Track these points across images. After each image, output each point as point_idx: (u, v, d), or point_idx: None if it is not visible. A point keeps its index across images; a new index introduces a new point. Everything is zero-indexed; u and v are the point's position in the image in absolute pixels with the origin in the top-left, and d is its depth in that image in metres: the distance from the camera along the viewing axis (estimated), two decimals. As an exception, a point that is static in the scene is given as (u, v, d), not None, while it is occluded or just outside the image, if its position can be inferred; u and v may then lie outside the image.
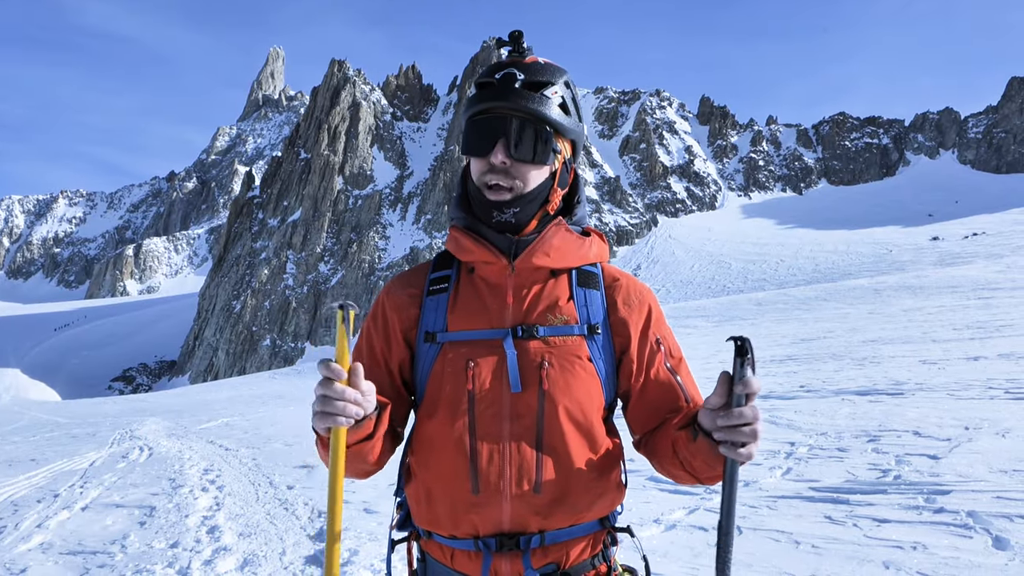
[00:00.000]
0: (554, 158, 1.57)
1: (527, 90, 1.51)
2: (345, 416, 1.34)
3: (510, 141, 1.51)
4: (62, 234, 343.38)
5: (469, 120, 1.56)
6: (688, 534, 4.68)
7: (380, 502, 6.61)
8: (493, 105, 1.51)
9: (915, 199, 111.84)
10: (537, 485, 1.47)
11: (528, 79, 1.52)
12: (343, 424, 1.35)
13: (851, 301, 26.86)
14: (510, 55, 1.59)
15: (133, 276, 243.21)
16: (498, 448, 1.48)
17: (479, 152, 1.53)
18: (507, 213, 1.55)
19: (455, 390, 1.52)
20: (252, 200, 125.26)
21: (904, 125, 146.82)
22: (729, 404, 1.30)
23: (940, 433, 6.48)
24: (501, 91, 1.51)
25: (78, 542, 5.98)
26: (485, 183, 1.55)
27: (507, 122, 1.51)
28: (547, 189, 1.59)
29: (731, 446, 1.29)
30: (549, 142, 1.53)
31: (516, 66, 1.54)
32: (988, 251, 50.45)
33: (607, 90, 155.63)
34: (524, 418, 1.49)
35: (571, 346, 1.53)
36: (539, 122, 1.52)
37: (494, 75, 1.54)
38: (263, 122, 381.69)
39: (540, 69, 1.55)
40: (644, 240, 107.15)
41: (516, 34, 1.60)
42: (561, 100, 1.55)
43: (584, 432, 1.52)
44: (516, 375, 1.49)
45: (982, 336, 13.35)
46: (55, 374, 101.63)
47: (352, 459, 1.48)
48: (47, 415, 27.21)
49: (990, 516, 4.22)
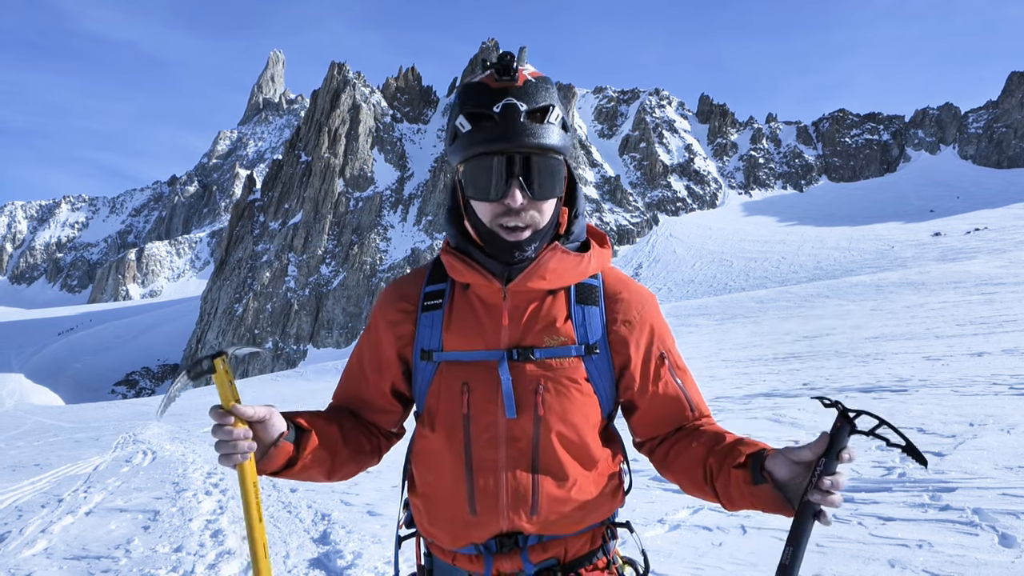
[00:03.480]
0: (563, 186, 1.51)
1: (532, 122, 1.40)
2: (240, 453, 1.39)
3: (527, 183, 1.42)
4: (65, 239, 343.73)
5: (472, 158, 1.44)
6: (692, 534, 4.66)
7: (383, 504, 6.60)
8: (500, 147, 1.40)
9: (916, 195, 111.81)
10: (534, 507, 1.47)
11: (530, 107, 1.41)
12: (242, 460, 1.40)
13: (853, 298, 26.85)
14: (500, 79, 1.43)
15: (136, 280, 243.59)
16: (494, 472, 1.47)
17: (493, 196, 1.43)
18: (528, 250, 1.47)
19: (452, 412, 1.51)
20: (253, 203, 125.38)
21: (904, 121, 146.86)
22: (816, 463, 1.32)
23: (945, 430, 6.46)
24: (507, 129, 1.39)
25: (82, 547, 5.97)
26: (501, 225, 1.45)
27: (520, 162, 1.41)
28: (558, 213, 1.54)
29: (819, 508, 1.29)
30: (560, 172, 1.47)
31: (513, 93, 1.40)
32: (990, 246, 50.42)
33: (606, 89, 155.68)
34: (520, 443, 1.48)
35: (568, 368, 1.50)
36: (551, 154, 1.44)
37: (491, 106, 1.40)
38: (264, 125, 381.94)
39: (536, 92, 1.42)
40: (645, 239, 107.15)
41: (507, 59, 1.43)
42: (561, 120, 1.45)
43: (581, 454, 1.52)
44: (511, 401, 1.47)
45: (985, 332, 13.32)
46: (58, 379, 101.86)
47: (306, 478, 1.55)
48: (50, 420, 27.26)
49: (996, 513, 4.20)
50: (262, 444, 1.44)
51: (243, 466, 1.42)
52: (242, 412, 1.39)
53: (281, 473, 1.50)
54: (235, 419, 1.39)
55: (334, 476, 1.59)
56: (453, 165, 1.53)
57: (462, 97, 1.46)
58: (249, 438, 1.39)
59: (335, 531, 5.78)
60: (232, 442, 1.38)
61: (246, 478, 1.43)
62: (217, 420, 1.38)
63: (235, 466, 1.40)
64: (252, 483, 1.44)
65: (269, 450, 1.45)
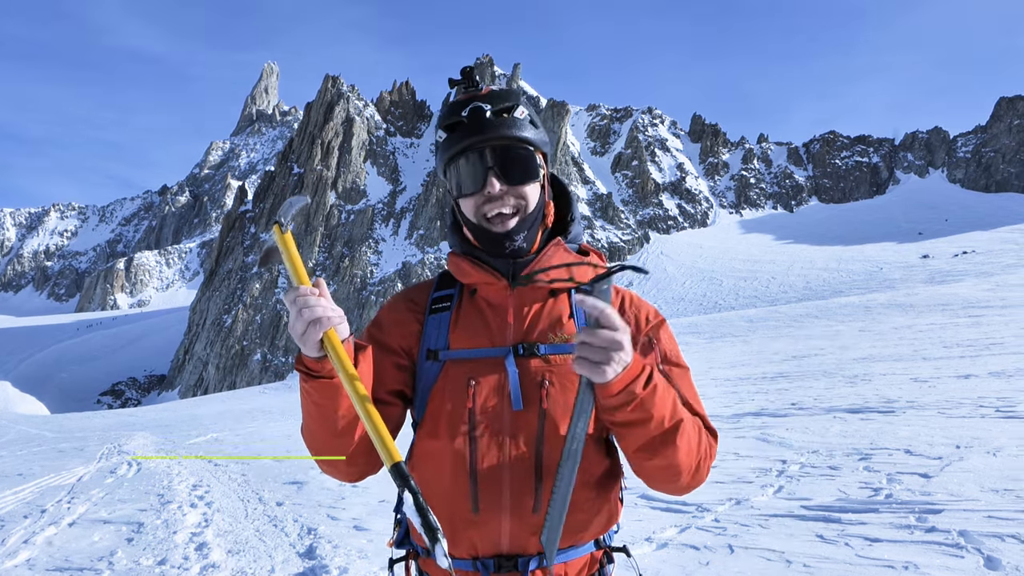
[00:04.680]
0: (539, 172, 1.59)
1: (498, 117, 1.54)
2: (327, 317, 1.32)
3: (500, 170, 1.54)
4: (53, 247, 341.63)
5: (450, 161, 1.57)
6: (680, 553, 4.66)
7: (371, 519, 6.57)
8: (472, 141, 1.53)
9: (905, 217, 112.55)
10: (536, 503, 1.47)
11: (495, 107, 1.54)
12: (335, 322, 1.33)
13: (842, 318, 26.98)
14: (466, 91, 1.60)
15: (124, 290, 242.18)
16: (498, 466, 1.48)
17: (472, 189, 1.55)
18: (517, 239, 1.57)
19: (456, 408, 1.52)
20: (244, 214, 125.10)
21: (894, 144, 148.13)
22: None
23: (931, 452, 6.49)
24: (475, 126, 1.52)
25: (65, 558, 5.92)
26: (485, 215, 1.56)
27: (491, 153, 1.54)
28: (543, 205, 1.63)
29: (583, 363, 1.30)
30: (532, 159, 1.57)
31: (478, 99, 1.55)
32: (978, 269, 50.80)
33: (599, 107, 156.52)
34: (524, 436, 1.49)
35: (571, 365, 1.53)
36: (519, 144, 1.55)
37: (460, 113, 1.55)
38: (256, 137, 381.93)
39: (501, 96, 1.57)
40: (636, 256, 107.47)
41: (467, 70, 1.61)
42: (529, 117, 1.58)
43: (583, 451, 1.51)
44: (518, 393, 1.50)
45: (972, 354, 13.41)
46: (44, 387, 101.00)
47: (329, 409, 1.43)
48: (35, 429, 27.00)
49: (982, 535, 4.22)
50: None
51: (330, 333, 1.33)
52: (326, 289, 1.35)
53: (322, 379, 1.40)
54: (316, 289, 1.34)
55: (346, 435, 1.48)
56: (442, 178, 1.64)
57: (440, 118, 1.61)
58: (336, 310, 1.34)
59: (321, 545, 5.74)
60: (322, 307, 1.32)
61: (338, 344, 1.34)
62: (297, 294, 1.32)
63: (323, 335, 1.33)
64: (343, 349, 1.34)
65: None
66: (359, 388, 1.34)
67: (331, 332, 1.34)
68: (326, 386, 1.40)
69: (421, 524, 1.22)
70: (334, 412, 1.43)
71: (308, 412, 1.48)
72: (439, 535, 1.20)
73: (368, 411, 1.32)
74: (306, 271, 1.38)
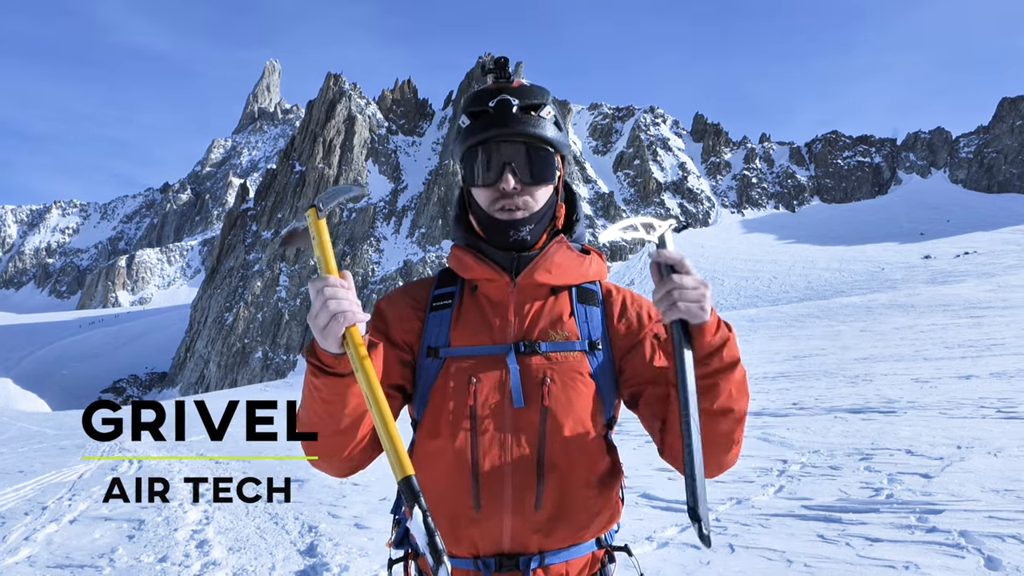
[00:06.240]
0: (555, 175, 1.59)
1: (524, 114, 1.53)
2: (351, 311, 1.31)
3: (518, 167, 1.53)
4: (55, 244, 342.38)
5: (469, 149, 1.56)
6: (681, 552, 4.66)
7: (371, 517, 6.56)
8: (495, 133, 1.52)
9: (907, 217, 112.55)
10: (538, 501, 1.47)
11: (523, 103, 1.54)
12: (360, 318, 1.32)
13: (843, 319, 26.96)
14: (496, 81, 1.60)
15: (125, 287, 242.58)
16: (500, 463, 1.48)
17: (487, 182, 1.54)
18: (523, 231, 1.56)
19: (457, 405, 1.51)
20: (246, 212, 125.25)
21: (896, 144, 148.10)
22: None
23: (932, 452, 6.48)
24: (500, 118, 1.52)
25: (66, 555, 5.92)
26: (496, 210, 1.56)
27: (511, 148, 1.53)
28: (553, 205, 1.63)
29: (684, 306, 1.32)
30: (551, 161, 1.56)
31: (507, 92, 1.55)
32: (979, 270, 50.77)
33: (602, 106, 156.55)
34: (526, 433, 1.49)
35: (572, 362, 1.54)
36: (541, 143, 1.54)
37: (487, 103, 1.54)
38: (258, 135, 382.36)
39: (530, 92, 1.57)
40: (637, 256, 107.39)
41: (502, 61, 1.61)
42: (554, 118, 1.58)
43: (584, 449, 1.52)
44: (519, 390, 1.49)
45: (973, 355, 13.40)
46: (45, 385, 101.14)
47: (339, 403, 1.40)
48: (36, 426, 26.99)
49: (982, 536, 4.22)
50: None
51: (353, 329, 1.31)
52: (352, 281, 1.34)
53: (334, 377, 1.37)
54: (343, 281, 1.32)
55: (348, 433, 1.46)
56: (457, 161, 1.63)
57: (465, 101, 1.59)
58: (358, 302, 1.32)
59: (322, 543, 5.74)
60: (348, 300, 1.31)
61: (359, 342, 1.31)
62: (325, 283, 1.31)
63: (346, 329, 1.31)
64: (363, 347, 1.31)
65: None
66: (379, 396, 1.31)
67: (353, 329, 1.32)
68: (337, 384, 1.38)
69: (427, 545, 1.20)
70: (341, 411, 1.41)
71: (311, 408, 1.44)
72: (444, 556, 1.19)
73: (386, 420, 1.30)
74: (334, 263, 1.36)
